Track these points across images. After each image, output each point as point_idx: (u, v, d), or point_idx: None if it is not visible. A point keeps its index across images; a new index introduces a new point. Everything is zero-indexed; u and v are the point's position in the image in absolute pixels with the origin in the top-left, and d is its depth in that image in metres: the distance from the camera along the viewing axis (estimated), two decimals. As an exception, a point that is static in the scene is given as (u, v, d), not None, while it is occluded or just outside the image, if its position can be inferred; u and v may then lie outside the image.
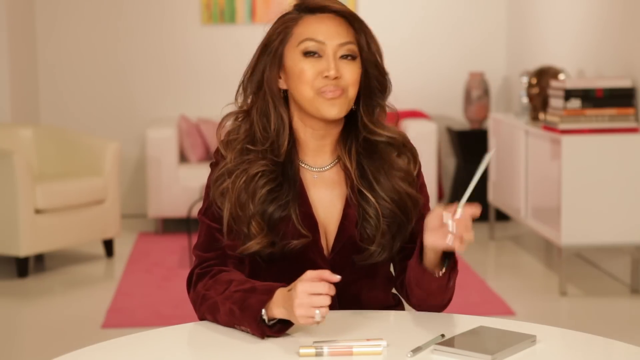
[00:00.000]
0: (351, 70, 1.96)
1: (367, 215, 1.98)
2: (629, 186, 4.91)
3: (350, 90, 1.96)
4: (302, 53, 1.96)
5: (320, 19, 1.97)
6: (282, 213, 1.96)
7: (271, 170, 1.97)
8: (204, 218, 2.03)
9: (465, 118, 7.26)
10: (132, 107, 7.36)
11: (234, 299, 1.87)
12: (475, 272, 5.52)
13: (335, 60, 1.95)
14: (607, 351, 1.80)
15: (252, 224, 1.95)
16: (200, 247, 2.03)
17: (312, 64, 1.95)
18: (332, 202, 2.01)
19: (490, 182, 6.43)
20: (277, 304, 1.81)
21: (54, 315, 4.88)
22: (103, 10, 7.26)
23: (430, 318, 1.95)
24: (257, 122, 2.00)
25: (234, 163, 1.98)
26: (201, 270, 2.00)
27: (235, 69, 7.34)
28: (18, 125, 6.22)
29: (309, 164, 2.03)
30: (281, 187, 1.97)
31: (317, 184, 2.02)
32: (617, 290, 5.13)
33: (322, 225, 2.00)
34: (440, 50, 7.47)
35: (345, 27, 1.98)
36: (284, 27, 1.99)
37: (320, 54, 1.96)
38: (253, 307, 1.83)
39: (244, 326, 1.85)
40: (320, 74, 1.94)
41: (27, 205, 5.42)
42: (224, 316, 1.89)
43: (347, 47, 1.96)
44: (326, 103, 1.94)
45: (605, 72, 5.49)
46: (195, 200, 6.17)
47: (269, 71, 1.99)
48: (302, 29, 1.97)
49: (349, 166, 2.01)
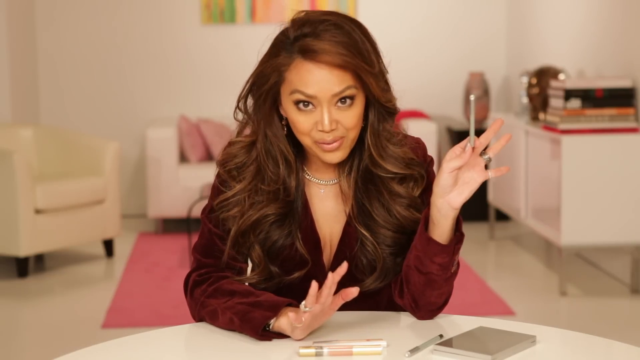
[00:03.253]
0: (349, 116, 1.84)
1: (365, 247, 1.93)
2: (629, 186, 4.92)
3: (351, 134, 1.87)
4: (294, 103, 1.85)
5: (311, 70, 1.82)
6: (284, 241, 1.94)
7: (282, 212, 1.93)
8: (207, 221, 1.99)
9: (465, 118, 7.26)
10: (132, 107, 7.36)
11: (235, 309, 1.85)
12: (475, 272, 5.52)
13: (330, 112, 1.83)
14: (607, 351, 1.80)
15: (252, 251, 1.93)
16: (199, 250, 2.00)
17: (306, 117, 1.84)
18: (336, 217, 1.98)
19: (490, 182, 6.43)
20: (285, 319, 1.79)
21: (54, 315, 4.88)
22: (103, 10, 7.26)
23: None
24: (264, 162, 1.93)
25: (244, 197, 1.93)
26: (199, 277, 1.97)
27: (235, 69, 7.36)
28: (18, 125, 6.23)
29: (316, 177, 1.98)
30: (286, 218, 1.94)
31: (323, 197, 1.98)
32: (617, 290, 5.13)
33: (326, 240, 1.97)
34: (440, 50, 7.47)
35: (339, 73, 1.82)
36: (277, 70, 1.86)
37: (315, 105, 1.84)
38: (256, 320, 1.81)
39: (244, 333, 1.84)
40: (315, 126, 1.85)
41: (27, 205, 5.42)
42: (223, 324, 1.88)
43: (343, 94, 1.83)
44: (326, 154, 1.87)
45: (605, 72, 5.49)
46: (195, 200, 6.17)
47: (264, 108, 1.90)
48: (293, 76, 1.83)
49: (347, 192, 1.95)
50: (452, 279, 1.91)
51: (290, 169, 1.93)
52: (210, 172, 6.54)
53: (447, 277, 1.88)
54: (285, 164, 1.93)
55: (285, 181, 1.93)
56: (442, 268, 1.86)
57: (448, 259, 1.85)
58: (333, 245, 1.97)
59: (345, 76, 1.83)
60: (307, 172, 1.98)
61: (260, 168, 1.94)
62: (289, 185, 1.93)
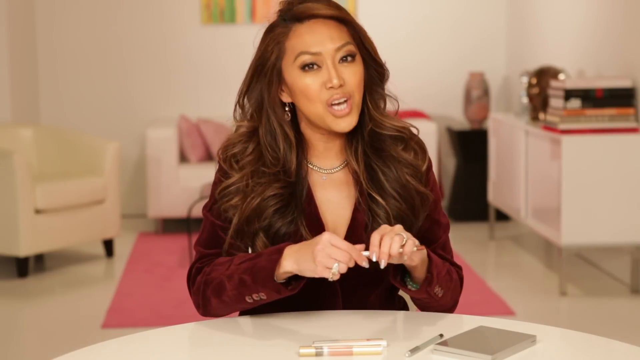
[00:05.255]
0: (353, 73, 1.92)
1: (377, 218, 1.95)
2: (629, 186, 4.91)
3: (356, 95, 1.92)
4: (300, 68, 1.91)
5: (311, 28, 1.92)
6: (288, 229, 1.95)
7: (283, 192, 1.95)
8: (209, 214, 2.01)
9: (465, 118, 7.26)
10: (132, 107, 7.36)
11: (241, 269, 1.88)
12: (475, 272, 5.52)
13: (335, 67, 1.90)
14: (607, 351, 1.80)
15: (256, 240, 1.95)
16: (202, 243, 2.02)
17: (314, 78, 1.91)
18: (341, 204, 1.99)
19: (490, 182, 6.43)
20: (288, 259, 1.83)
21: (54, 315, 4.88)
22: (103, 10, 7.26)
23: (430, 318, 1.95)
24: (265, 145, 1.97)
25: (246, 183, 1.95)
26: (200, 264, 2.00)
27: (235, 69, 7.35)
28: (18, 125, 6.23)
29: (318, 166, 2.01)
30: (289, 204, 1.96)
31: (326, 185, 2.00)
32: (617, 290, 5.13)
33: (329, 227, 1.98)
34: (440, 50, 7.47)
35: (337, 28, 1.92)
36: (276, 42, 1.93)
37: (320, 64, 1.91)
38: (266, 268, 1.84)
39: (257, 293, 1.86)
40: (324, 85, 1.90)
41: (27, 205, 5.42)
42: (232, 291, 1.89)
43: (345, 49, 1.92)
44: (337, 120, 1.91)
45: (605, 72, 5.49)
46: (195, 200, 6.17)
47: (268, 92, 1.95)
48: (294, 41, 1.92)
49: (357, 169, 1.97)
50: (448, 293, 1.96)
51: (291, 151, 1.96)
52: (210, 172, 6.54)
53: (440, 299, 1.94)
54: (286, 146, 1.96)
55: (285, 163, 1.96)
56: (427, 300, 1.93)
57: (426, 296, 1.92)
58: (339, 234, 1.98)
59: (342, 32, 1.93)
60: (309, 162, 2.00)
61: (261, 153, 1.97)
62: (289, 167, 1.96)
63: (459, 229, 6.78)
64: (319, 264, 1.77)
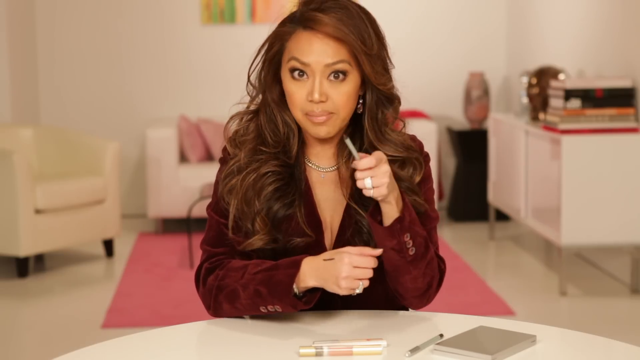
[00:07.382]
0: (340, 92, 1.89)
1: (362, 228, 1.96)
2: (629, 186, 4.92)
3: (341, 112, 1.90)
4: (289, 71, 1.91)
5: (310, 38, 1.89)
6: (286, 212, 1.96)
7: (281, 170, 1.96)
8: (213, 213, 2.02)
9: (465, 118, 7.26)
10: (132, 107, 7.36)
11: (257, 280, 1.88)
12: (475, 272, 5.52)
13: (321, 82, 1.88)
14: (607, 351, 1.80)
15: (257, 220, 1.95)
16: (209, 242, 2.02)
17: (299, 87, 1.90)
18: (338, 201, 2.00)
19: (490, 182, 6.43)
20: (309, 275, 1.85)
21: (54, 315, 4.88)
22: (103, 10, 7.27)
23: (430, 318, 1.95)
24: (266, 126, 1.98)
25: (245, 161, 1.97)
26: (210, 264, 1.99)
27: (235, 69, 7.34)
28: (18, 125, 6.23)
29: (316, 164, 2.02)
30: (288, 186, 1.97)
31: (324, 182, 2.01)
32: (617, 290, 5.13)
33: (327, 224, 1.99)
34: (440, 50, 7.47)
35: (337, 45, 1.88)
36: (280, 39, 1.94)
37: (308, 74, 1.90)
38: (283, 282, 1.85)
39: (272, 305, 1.86)
40: (307, 97, 1.89)
41: (27, 205, 5.42)
42: (246, 300, 1.89)
43: (336, 67, 1.88)
44: (314, 126, 1.91)
45: (605, 72, 5.49)
46: (195, 200, 6.17)
47: (268, 80, 1.97)
48: (292, 44, 1.91)
49: (346, 177, 1.97)
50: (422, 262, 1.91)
51: (293, 136, 1.97)
52: (210, 172, 6.54)
53: (411, 260, 1.89)
54: (286, 129, 1.97)
55: (285, 145, 1.97)
56: (397, 252, 1.88)
57: (396, 241, 1.87)
58: (334, 231, 1.99)
59: (341, 50, 1.88)
60: (308, 160, 2.01)
61: (261, 134, 1.98)
62: (289, 149, 1.97)
63: (459, 229, 6.78)
64: (345, 290, 1.82)
